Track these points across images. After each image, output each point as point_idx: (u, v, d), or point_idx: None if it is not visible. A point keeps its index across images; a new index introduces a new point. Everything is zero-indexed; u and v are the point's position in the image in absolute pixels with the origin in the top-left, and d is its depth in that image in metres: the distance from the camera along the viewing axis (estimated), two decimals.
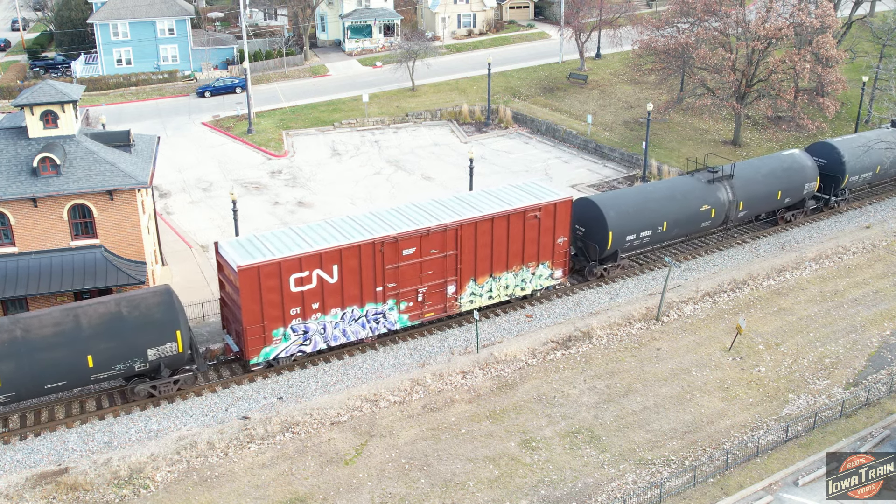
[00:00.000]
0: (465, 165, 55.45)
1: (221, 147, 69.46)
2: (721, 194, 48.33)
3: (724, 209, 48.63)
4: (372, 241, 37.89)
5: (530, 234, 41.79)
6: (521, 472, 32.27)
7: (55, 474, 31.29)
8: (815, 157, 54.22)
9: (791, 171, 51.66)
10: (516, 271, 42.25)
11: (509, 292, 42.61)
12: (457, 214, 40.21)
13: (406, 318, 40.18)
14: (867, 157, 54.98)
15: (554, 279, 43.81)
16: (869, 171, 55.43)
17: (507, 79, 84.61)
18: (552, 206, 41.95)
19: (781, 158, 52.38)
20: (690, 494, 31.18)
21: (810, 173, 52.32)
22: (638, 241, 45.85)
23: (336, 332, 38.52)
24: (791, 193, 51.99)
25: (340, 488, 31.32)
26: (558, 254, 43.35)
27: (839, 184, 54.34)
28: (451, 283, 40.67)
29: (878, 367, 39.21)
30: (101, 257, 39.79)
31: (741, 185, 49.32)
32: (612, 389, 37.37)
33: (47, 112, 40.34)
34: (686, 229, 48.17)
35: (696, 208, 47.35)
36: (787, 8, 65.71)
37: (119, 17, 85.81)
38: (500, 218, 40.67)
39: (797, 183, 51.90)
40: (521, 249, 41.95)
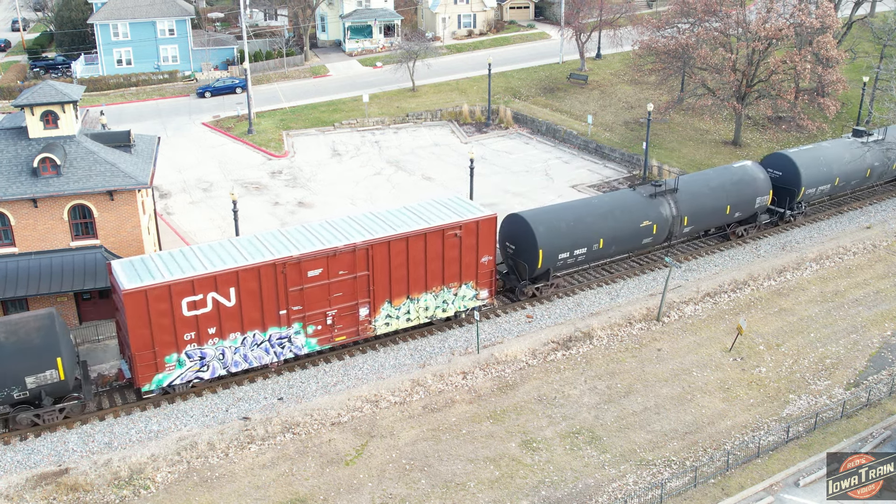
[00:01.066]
0: (466, 166, 55.41)
1: (222, 147, 69.45)
2: (664, 209, 46.25)
3: (666, 225, 46.52)
4: (272, 263, 35.78)
5: (451, 253, 39.64)
6: (522, 472, 32.24)
7: (55, 475, 31.27)
8: (770, 168, 52.31)
9: (741, 185, 49.47)
10: (437, 292, 40.17)
11: (430, 314, 40.57)
12: (369, 233, 38.18)
13: (314, 343, 38.15)
14: (826, 169, 52.76)
15: (479, 300, 41.65)
16: (827, 183, 53.11)
17: (508, 79, 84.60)
18: (474, 224, 39.76)
19: (731, 171, 50.31)
20: (691, 495, 31.16)
21: (762, 186, 50.19)
22: (572, 260, 43.70)
23: (236, 357, 36.42)
24: (742, 207, 49.89)
25: (341, 489, 31.30)
26: (483, 273, 41.14)
27: (795, 197, 52.04)
28: (364, 305, 38.57)
29: (879, 367, 39.18)
30: (101, 258, 39.77)
31: (686, 199, 47.24)
32: (613, 390, 37.35)
33: (47, 112, 40.34)
34: (625, 246, 45.96)
35: (636, 224, 45.27)
36: (788, 8, 65.66)
37: (119, 17, 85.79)
38: (416, 237, 38.50)
39: (748, 196, 49.76)
40: (441, 269, 39.77)
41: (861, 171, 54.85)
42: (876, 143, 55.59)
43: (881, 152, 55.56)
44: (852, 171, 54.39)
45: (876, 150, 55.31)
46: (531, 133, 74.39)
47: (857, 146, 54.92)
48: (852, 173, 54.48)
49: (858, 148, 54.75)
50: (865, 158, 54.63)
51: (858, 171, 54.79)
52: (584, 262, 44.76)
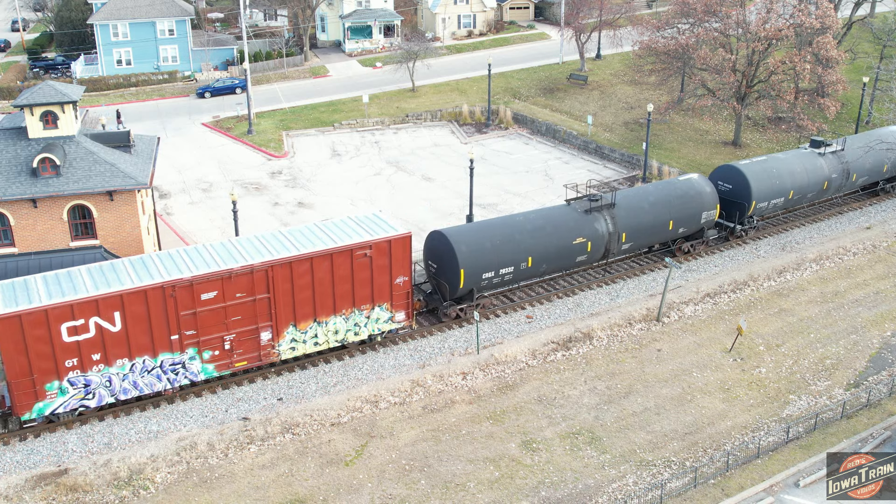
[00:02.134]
0: (466, 166, 55.40)
1: (221, 148, 69.44)
2: (599, 225, 44.03)
3: (602, 242, 44.27)
4: (161, 286, 33.69)
5: (361, 274, 37.59)
6: (522, 473, 32.22)
7: (55, 475, 31.24)
8: (720, 181, 50.34)
9: (686, 199, 47.20)
10: (347, 315, 38.06)
11: (340, 338, 38.48)
12: (270, 254, 36.02)
13: (212, 368, 36.15)
14: (778, 182, 50.42)
15: (395, 322, 39.53)
16: (780, 196, 50.67)
17: (508, 79, 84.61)
18: (385, 244, 37.66)
19: (675, 185, 48.04)
20: (691, 496, 31.13)
21: (708, 200, 47.86)
22: (498, 279, 41.54)
23: (125, 384, 34.44)
24: (686, 223, 47.53)
25: (341, 489, 31.27)
26: (398, 295, 38.95)
27: (745, 211, 49.70)
28: (266, 329, 36.52)
29: (879, 368, 39.16)
30: (100, 258, 39.71)
31: (625, 214, 45.03)
32: (613, 390, 37.32)
33: (47, 112, 40.35)
34: (557, 265, 43.65)
35: (568, 241, 43.01)
36: (788, 9, 65.68)
37: (119, 17, 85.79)
38: (321, 257, 36.39)
39: (693, 211, 47.40)
40: (351, 291, 37.68)
41: (817, 183, 52.40)
42: (834, 155, 53.36)
43: (839, 164, 53.33)
44: (808, 184, 51.91)
45: (833, 161, 53.11)
46: (531, 133, 74.39)
47: (814, 157, 52.65)
48: (808, 186, 52.00)
49: (815, 159, 52.53)
50: (822, 170, 52.42)
51: (815, 184, 52.29)
52: (511, 281, 42.57)
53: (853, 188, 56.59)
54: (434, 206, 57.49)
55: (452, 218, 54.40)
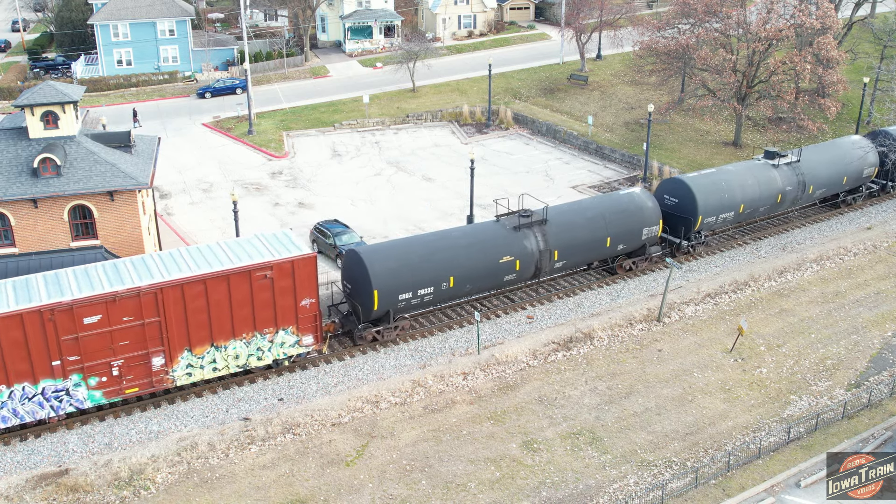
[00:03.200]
0: (466, 166, 55.40)
1: (222, 148, 69.43)
2: (529, 243, 42.00)
3: (532, 260, 42.20)
4: (38, 310, 31.81)
5: (261, 296, 35.68)
6: (523, 473, 32.20)
7: (55, 476, 31.22)
8: (666, 195, 48.51)
9: (625, 214, 45.08)
10: (248, 339, 36.24)
11: (242, 363, 36.57)
12: (161, 275, 34.19)
13: (99, 395, 34.22)
14: (728, 195, 48.49)
15: (303, 346, 37.61)
16: (730, 210, 48.66)
17: (508, 80, 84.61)
18: (288, 265, 35.73)
19: (614, 199, 46.11)
20: (692, 496, 31.11)
21: (650, 215, 45.76)
22: (417, 300, 39.63)
23: (4, 412, 32.78)
24: (626, 239, 45.44)
25: (341, 489, 31.26)
26: (304, 318, 37.07)
27: (691, 226, 47.64)
28: (158, 354, 34.61)
29: (880, 368, 39.15)
30: (101, 258, 39.72)
31: (557, 231, 42.96)
32: (614, 391, 37.31)
33: (48, 113, 40.35)
34: (483, 284, 41.71)
35: (494, 260, 41.01)
36: (788, 9, 65.70)
37: (119, 17, 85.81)
38: (216, 279, 34.45)
39: (633, 227, 45.33)
40: (252, 314, 35.83)
41: (770, 196, 50.32)
42: (789, 166, 51.36)
43: (794, 176, 51.31)
44: (760, 197, 49.81)
45: (788, 173, 51.09)
46: (531, 134, 74.38)
47: (767, 169, 50.61)
48: (760, 199, 49.88)
49: (768, 171, 50.51)
50: (776, 182, 50.37)
51: (767, 197, 50.22)
52: (431, 302, 40.60)
53: (810, 201, 54.62)
54: (434, 206, 57.48)
55: (453, 218, 54.39)
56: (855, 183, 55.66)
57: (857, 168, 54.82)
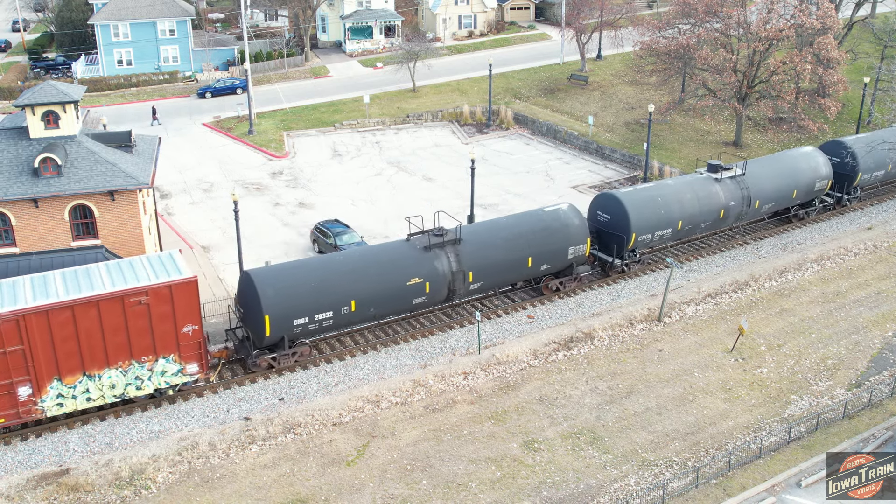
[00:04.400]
0: (467, 166, 55.42)
1: (222, 148, 69.45)
2: (440, 264, 39.87)
3: (444, 282, 40.07)
4: None
5: (137, 322, 33.66)
6: (524, 473, 32.20)
7: (56, 475, 31.22)
8: (599, 211, 46.31)
9: (549, 233, 42.85)
10: (125, 368, 34.18)
11: (119, 392, 34.46)
12: (24, 301, 32.21)
13: None
14: (664, 212, 46.01)
15: (187, 375, 35.50)
16: (667, 227, 46.38)
17: (508, 80, 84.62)
18: (165, 289, 33.72)
19: (536, 217, 43.56)
20: (693, 496, 31.11)
21: (576, 234, 43.54)
22: (315, 326, 37.60)
23: None
24: (550, 259, 43.19)
25: (342, 489, 31.26)
26: (187, 345, 35.01)
27: (624, 244, 45.39)
28: (23, 384, 32.66)
29: (881, 368, 39.15)
30: (102, 258, 39.73)
31: (472, 251, 40.81)
32: (614, 390, 37.31)
33: (48, 112, 40.34)
34: (389, 308, 39.52)
35: (401, 282, 38.92)
36: (789, 9, 65.74)
37: (120, 17, 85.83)
38: (85, 305, 32.48)
39: (558, 246, 43.11)
40: (127, 342, 33.85)
41: (712, 211, 47.99)
42: (733, 180, 49.10)
43: (739, 190, 48.99)
44: (700, 213, 47.46)
45: (732, 187, 48.81)
46: (532, 134, 74.39)
47: (709, 183, 48.33)
48: (700, 215, 47.51)
49: (710, 185, 48.25)
50: (718, 197, 48.10)
51: (709, 213, 47.87)
52: (332, 327, 38.52)
53: (758, 216, 52.62)
54: (435, 206, 57.45)
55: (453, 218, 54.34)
56: (807, 197, 53.08)
57: (809, 181, 52.25)
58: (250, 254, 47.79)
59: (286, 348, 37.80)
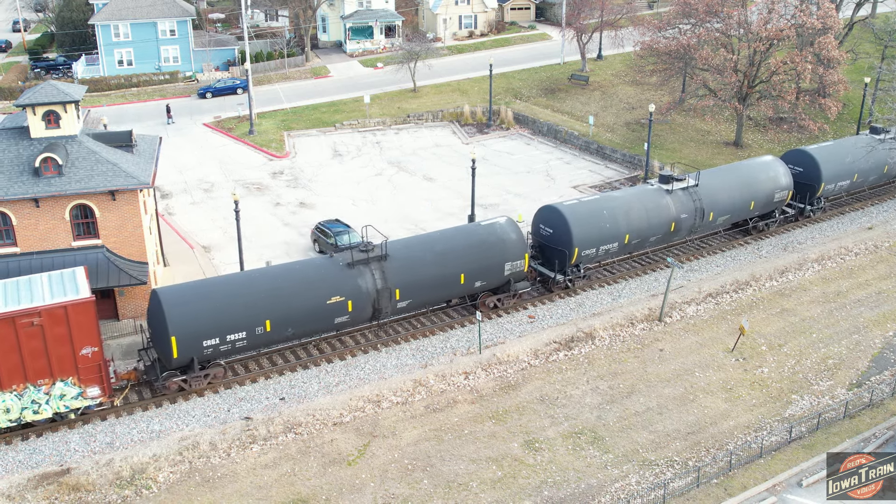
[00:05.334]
0: (467, 166, 55.43)
1: (223, 148, 69.45)
2: (364, 281, 38.29)
3: (368, 300, 38.44)
4: None
5: (31, 344, 32.33)
6: (525, 472, 32.20)
7: (57, 475, 31.22)
8: (542, 224, 44.68)
9: (484, 248, 41.22)
10: (20, 391, 32.87)
11: (14, 417, 33.13)
12: None
13: None
14: (610, 225, 44.31)
15: (88, 399, 34.01)
16: (612, 241, 44.67)
17: (509, 80, 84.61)
18: (60, 310, 32.33)
19: (471, 232, 42.16)
20: (694, 495, 31.11)
21: (513, 249, 41.81)
22: (227, 347, 35.84)
23: None
24: (485, 275, 41.41)
25: (343, 489, 31.26)
26: (86, 368, 33.57)
27: (567, 259, 43.58)
28: None
29: (882, 368, 39.14)
30: (103, 258, 39.77)
31: (399, 267, 39.27)
32: (615, 390, 37.30)
33: (49, 112, 40.31)
34: (308, 327, 37.89)
35: (321, 301, 37.26)
36: (789, 9, 65.73)
37: (120, 17, 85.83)
38: None
39: (493, 262, 41.36)
40: (21, 364, 32.51)
41: (662, 224, 46.29)
42: (685, 192, 47.32)
43: (691, 202, 47.24)
44: (650, 226, 45.81)
45: (684, 198, 47.03)
46: (532, 134, 74.38)
47: (659, 195, 46.60)
48: (650, 228, 45.86)
49: (660, 197, 46.44)
50: (668, 210, 46.35)
51: (659, 225, 46.23)
52: (247, 348, 36.87)
53: (712, 229, 50.85)
54: (436, 206, 57.51)
55: (454, 218, 54.40)
56: (766, 208, 51.35)
57: (767, 192, 50.49)
58: (251, 254, 47.83)
59: (197, 370, 35.98)
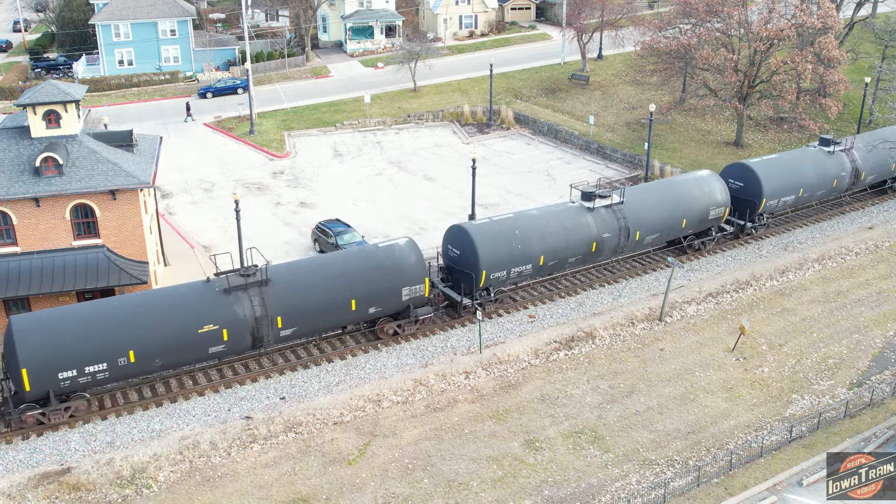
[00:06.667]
0: (467, 166, 55.43)
1: (223, 148, 69.45)
2: (242, 308, 35.89)
3: (246, 329, 36.16)
4: None
5: None
6: (525, 472, 32.20)
7: (58, 474, 31.23)
8: (450, 245, 42.16)
9: (379, 272, 38.87)
10: None
11: None
12: None
13: None
14: (522, 246, 41.72)
15: None
16: (525, 263, 42.13)
17: (509, 80, 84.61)
18: None
19: (365, 255, 39.72)
20: (694, 495, 31.10)
21: (412, 273, 39.44)
22: (87, 378, 33.72)
23: None
24: (380, 301, 39.06)
25: (343, 488, 31.25)
26: None
27: (475, 283, 41.10)
28: None
29: (882, 367, 39.13)
30: (103, 257, 39.79)
31: (282, 293, 36.79)
32: (616, 390, 37.30)
33: (50, 112, 40.33)
34: (178, 358, 35.57)
35: (192, 329, 34.97)
36: (790, 9, 65.72)
37: (121, 17, 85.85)
38: None
39: (388, 287, 38.95)
40: None
41: (582, 244, 43.97)
42: (608, 209, 44.99)
43: (615, 220, 44.95)
44: (567, 247, 43.37)
45: (607, 216, 44.77)
46: (533, 134, 74.38)
47: (580, 213, 44.29)
48: (567, 249, 43.42)
49: (581, 215, 44.22)
50: (589, 229, 44.05)
51: (578, 246, 43.83)
52: (109, 380, 34.58)
53: (641, 248, 48.23)
54: (436, 206, 57.51)
55: (454, 218, 54.37)
56: (700, 226, 48.82)
57: (701, 209, 48.00)
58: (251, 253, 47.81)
59: (55, 403, 33.80)
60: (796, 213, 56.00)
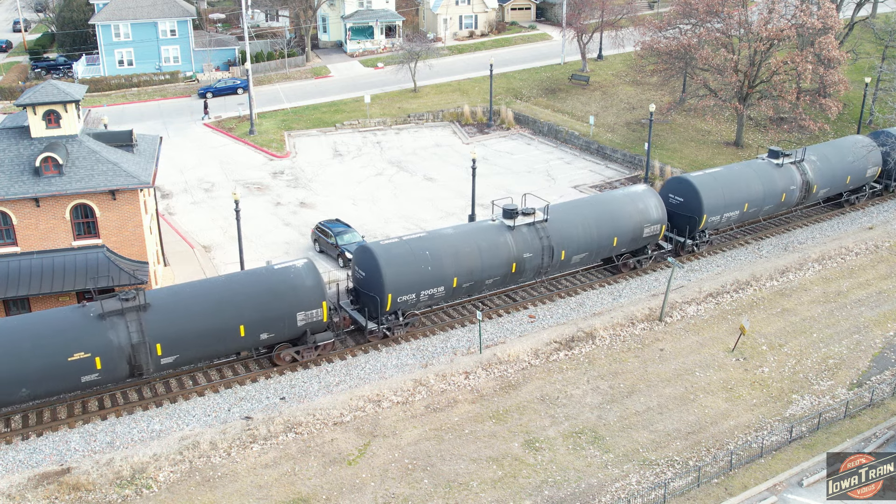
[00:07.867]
0: (468, 166, 55.43)
1: (223, 148, 69.44)
2: (116, 334, 33.68)
3: (122, 357, 33.92)
4: None
5: None
6: (525, 472, 32.19)
7: (57, 474, 31.21)
8: (357, 266, 40.27)
9: (271, 296, 36.49)
10: None
11: None
12: None
13: None
14: (432, 268, 39.59)
15: None
16: (437, 285, 39.98)
17: (509, 80, 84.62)
18: None
19: (259, 278, 37.37)
20: (695, 495, 31.09)
21: (307, 297, 37.09)
22: None
23: None
24: (272, 327, 36.66)
25: (343, 489, 31.24)
26: None
27: (380, 307, 39.04)
28: None
29: (882, 367, 39.12)
30: (103, 257, 39.77)
31: (162, 319, 34.52)
32: (616, 390, 37.29)
33: (50, 112, 40.32)
34: (46, 388, 33.37)
35: (62, 358, 32.75)
36: (790, 9, 65.72)
37: (121, 18, 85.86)
38: None
39: (281, 312, 36.64)
40: None
41: (501, 265, 41.52)
42: (530, 227, 42.56)
43: (537, 239, 42.44)
44: (483, 268, 40.89)
45: (528, 235, 42.27)
46: (533, 134, 74.38)
47: (499, 232, 41.91)
48: (483, 270, 40.93)
49: (499, 235, 41.77)
50: (508, 248, 41.57)
51: (495, 266, 41.34)
52: None
53: (568, 268, 45.62)
54: (436, 206, 57.50)
55: (454, 218, 54.40)
56: (634, 244, 46.63)
57: (634, 226, 45.76)
58: (251, 253, 47.85)
59: None
60: (741, 228, 53.38)
